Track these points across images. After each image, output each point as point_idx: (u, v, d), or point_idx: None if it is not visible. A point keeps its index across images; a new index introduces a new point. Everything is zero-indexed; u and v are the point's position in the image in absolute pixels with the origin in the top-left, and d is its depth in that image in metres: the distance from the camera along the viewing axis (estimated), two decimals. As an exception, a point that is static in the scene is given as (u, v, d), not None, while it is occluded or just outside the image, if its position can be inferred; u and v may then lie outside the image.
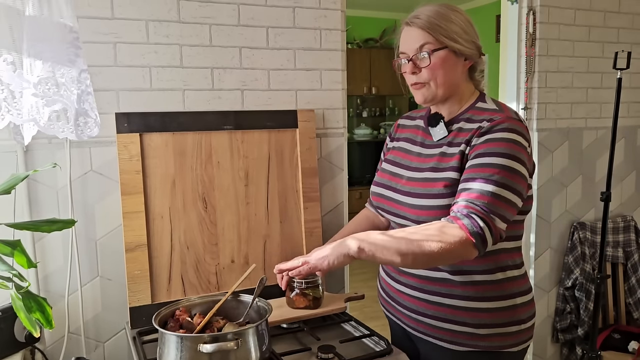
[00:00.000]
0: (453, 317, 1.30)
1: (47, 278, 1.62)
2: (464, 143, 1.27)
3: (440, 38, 1.26)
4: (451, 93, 1.33)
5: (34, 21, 1.09)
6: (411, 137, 1.46)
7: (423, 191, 1.29)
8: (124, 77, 1.66)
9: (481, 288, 1.30)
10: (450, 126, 1.34)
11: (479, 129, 1.25)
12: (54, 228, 1.08)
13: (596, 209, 2.71)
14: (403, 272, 1.38)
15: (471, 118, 1.32)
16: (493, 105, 1.33)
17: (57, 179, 1.61)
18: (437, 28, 1.26)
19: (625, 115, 2.73)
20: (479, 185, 1.16)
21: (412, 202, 1.31)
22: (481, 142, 1.22)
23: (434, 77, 1.29)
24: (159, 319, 1.27)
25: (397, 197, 1.37)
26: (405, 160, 1.42)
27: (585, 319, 2.56)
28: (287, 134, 1.84)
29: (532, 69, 2.44)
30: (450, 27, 1.27)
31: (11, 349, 1.48)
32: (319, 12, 1.91)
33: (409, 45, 1.30)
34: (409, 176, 1.36)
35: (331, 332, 1.54)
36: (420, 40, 1.27)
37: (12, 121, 1.09)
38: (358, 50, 6.40)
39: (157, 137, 1.66)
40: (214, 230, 1.73)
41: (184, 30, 1.72)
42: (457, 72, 1.31)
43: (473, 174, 1.19)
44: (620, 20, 2.64)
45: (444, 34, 1.26)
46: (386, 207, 1.42)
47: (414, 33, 1.28)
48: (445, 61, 1.28)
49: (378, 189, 1.47)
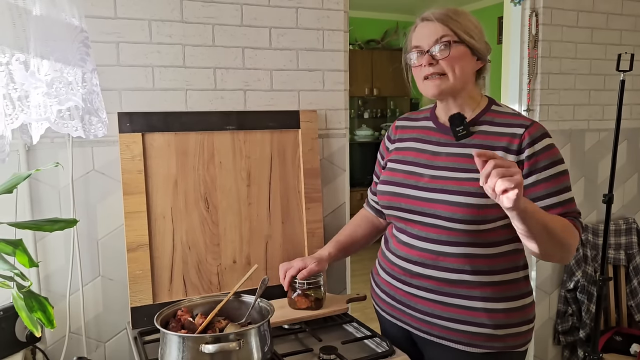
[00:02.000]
0: (471, 319, 1.31)
1: (49, 277, 1.62)
2: (502, 150, 1.28)
3: (459, 32, 1.29)
4: (462, 89, 1.34)
5: (42, 21, 1.10)
6: (420, 137, 1.44)
7: (458, 189, 1.28)
8: (127, 76, 1.66)
9: (498, 288, 1.31)
10: (472, 127, 1.34)
11: (518, 137, 1.27)
12: (56, 227, 1.08)
13: (598, 211, 2.70)
14: (417, 275, 1.36)
15: (494, 121, 1.33)
16: (508, 109, 1.38)
17: (59, 178, 1.61)
18: (456, 23, 1.29)
19: (628, 118, 2.72)
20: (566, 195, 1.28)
21: (445, 198, 1.29)
22: (540, 152, 1.27)
23: (452, 69, 1.29)
24: (161, 319, 1.27)
25: (420, 194, 1.34)
26: (421, 159, 1.39)
27: (587, 321, 2.55)
28: (289, 135, 1.84)
29: (534, 70, 2.44)
30: (467, 24, 1.30)
31: (12, 348, 1.47)
32: (321, 12, 1.90)
33: (427, 38, 1.30)
34: (432, 174, 1.34)
35: (333, 333, 1.53)
36: (440, 32, 1.29)
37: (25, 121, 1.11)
38: (360, 51, 6.40)
39: (160, 137, 1.65)
40: (216, 230, 1.72)
41: (187, 30, 1.72)
42: (470, 70, 1.33)
43: (557, 185, 1.27)
44: (623, 22, 2.63)
45: (462, 29, 1.29)
46: (402, 205, 1.38)
47: (432, 26, 1.30)
48: (463, 55, 1.30)
49: (388, 187, 1.42)
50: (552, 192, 1.27)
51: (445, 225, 1.28)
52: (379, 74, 6.50)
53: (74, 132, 1.19)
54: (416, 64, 1.33)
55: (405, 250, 1.38)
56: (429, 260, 1.32)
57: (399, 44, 6.54)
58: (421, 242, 1.33)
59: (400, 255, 1.40)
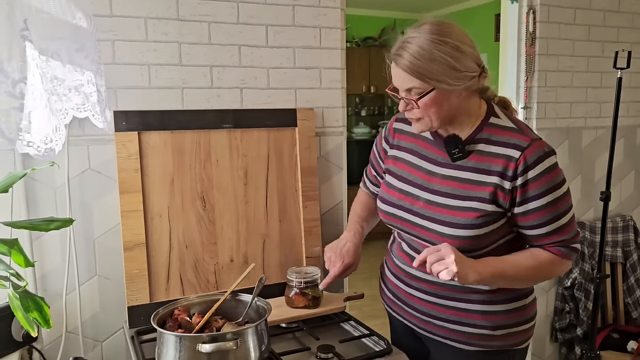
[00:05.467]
0: (469, 321, 1.31)
1: (45, 277, 1.61)
2: (497, 176, 1.23)
3: (426, 81, 1.18)
4: (451, 120, 1.27)
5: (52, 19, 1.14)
6: (416, 149, 1.40)
7: (452, 220, 1.25)
8: (123, 75, 1.65)
9: (496, 292, 1.31)
10: (468, 146, 1.28)
11: (514, 162, 1.21)
12: (52, 227, 1.08)
13: (595, 208, 2.71)
14: (415, 277, 1.37)
15: (490, 139, 1.27)
16: (509, 123, 1.29)
17: (55, 177, 1.60)
18: (421, 71, 1.18)
19: (625, 115, 2.73)
20: (559, 223, 1.25)
21: (438, 229, 1.27)
22: (532, 181, 1.22)
23: (428, 115, 1.23)
24: (158, 318, 1.26)
25: (415, 220, 1.33)
26: (416, 177, 1.36)
27: (584, 318, 2.56)
28: (286, 133, 1.83)
29: (531, 68, 2.44)
30: (435, 68, 1.17)
31: (8, 348, 1.47)
32: (318, 10, 1.90)
33: (398, 84, 1.25)
34: (427, 199, 1.31)
35: (330, 331, 1.53)
36: (407, 83, 1.21)
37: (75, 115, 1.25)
38: (357, 49, 6.39)
39: (156, 136, 1.65)
40: (213, 229, 1.72)
41: (183, 28, 1.71)
42: (453, 104, 1.23)
43: (548, 215, 1.24)
44: (620, 19, 2.63)
45: (430, 76, 1.18)
46: (401, 227, 1.38)
47: (401, 74, 1.22)
48: (435, 100, 1.21)
49: (387, 207, 1.41)
50: (542, 223, 1.24)
51: None
52: (376, 72, 6.50)
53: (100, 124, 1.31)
54: (399, 106, 1.29)
55: (405, 258, 1.41)
56: None
57: (396, 42, 6.53)
58: (418, 254, 1.31)
59: (401, 259, 1.43)
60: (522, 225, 1.27)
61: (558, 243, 1.26)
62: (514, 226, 1.29)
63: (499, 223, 1.26)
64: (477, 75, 1.22)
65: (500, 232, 1.27)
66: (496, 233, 1.27)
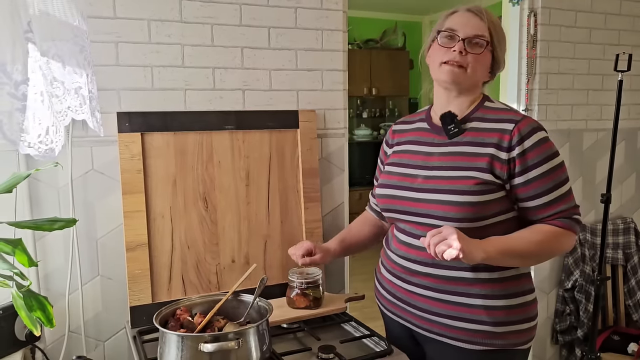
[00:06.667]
0: (470, 316, 1.31)
1: (48, 277, 1.62)
2: (492, 147, 1.30)
3: (493, 35, 1.33)
4: (468, 89, 1.37)
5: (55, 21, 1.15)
6: (414, 139, 1.46)
7: (451, 188, 1.29)
8: (126, 76, 1.66)
9: (498, 285, 1.31)
10: (463, 124, 1.36)
11: (508, 133, 1.29)
12: (55, 227, 1.09)
13: (596, 210, 2.71)
14: (416, 273, 1.37)
15: (484, 117, 1.36)
16: (500, 104, 1.40)
17: (59, 178, 1.61)
18: (497, 30, 1.35)
19: (626, 118, 2.73)
20: (559, 192, 1.29)
21: (438, 198, 1.31)
22: (529, 150, 1.28)
23: (474, 67, 1.32)
24: (160, 318, 1.27)
25: (414, 195, 1.36)
26: (415, 160, 1.41)
27: (585, 320, 2.56)
28: (288, 134, 1.84)
29: (533, 70, 2.44)
30: (501, 34, 1.36)
31: (12, 347, 1.48)
32: (320, 12, 1.91)
33: (467, 28, 1.32)
34: (426, 175, 1.36)
35: (331, 332, 1.54)
36: (483, 30, 1.32)
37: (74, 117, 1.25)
38: (358, 51, 6.39)
39: (159, 137, 1.66)
40: (215, 230, 1.73)
41: (186, 30, 1.72)
42: (484, 72, 1.37)
43: (549, 182, 1.29)
44: (621, 22, 2.64)
45: (496, 36, 1.34)
46: (398, 207, 1.40)
47: (477, 21, 1.33)
48: (488, 60, 1.35)
49: (385, 190, 1.44)
50: (543, 191, 1.28)
51: (441, 224, 1.29)
52: (377, 74, 6.50)
53: None
54: (444, 45, 1.34)
55: (404, 249, 1.40)
56: (428, 258, 1.32)
57: (398, 44, 6.54)
58: (419, 241, 1.34)
59: (401, 254, 1.41)
60: (523, 197, 1.30)
61: (559, 214, 1.29)
62: (515, 201, 1.32)
63: (498, 194, 1.29)
64: (502, 68, 1.40)
65: (499, 205, 1.30)
66: (495, 205, 1.29)
